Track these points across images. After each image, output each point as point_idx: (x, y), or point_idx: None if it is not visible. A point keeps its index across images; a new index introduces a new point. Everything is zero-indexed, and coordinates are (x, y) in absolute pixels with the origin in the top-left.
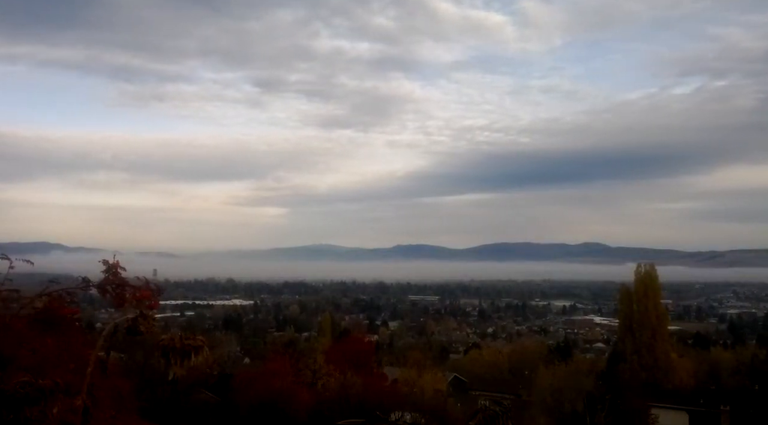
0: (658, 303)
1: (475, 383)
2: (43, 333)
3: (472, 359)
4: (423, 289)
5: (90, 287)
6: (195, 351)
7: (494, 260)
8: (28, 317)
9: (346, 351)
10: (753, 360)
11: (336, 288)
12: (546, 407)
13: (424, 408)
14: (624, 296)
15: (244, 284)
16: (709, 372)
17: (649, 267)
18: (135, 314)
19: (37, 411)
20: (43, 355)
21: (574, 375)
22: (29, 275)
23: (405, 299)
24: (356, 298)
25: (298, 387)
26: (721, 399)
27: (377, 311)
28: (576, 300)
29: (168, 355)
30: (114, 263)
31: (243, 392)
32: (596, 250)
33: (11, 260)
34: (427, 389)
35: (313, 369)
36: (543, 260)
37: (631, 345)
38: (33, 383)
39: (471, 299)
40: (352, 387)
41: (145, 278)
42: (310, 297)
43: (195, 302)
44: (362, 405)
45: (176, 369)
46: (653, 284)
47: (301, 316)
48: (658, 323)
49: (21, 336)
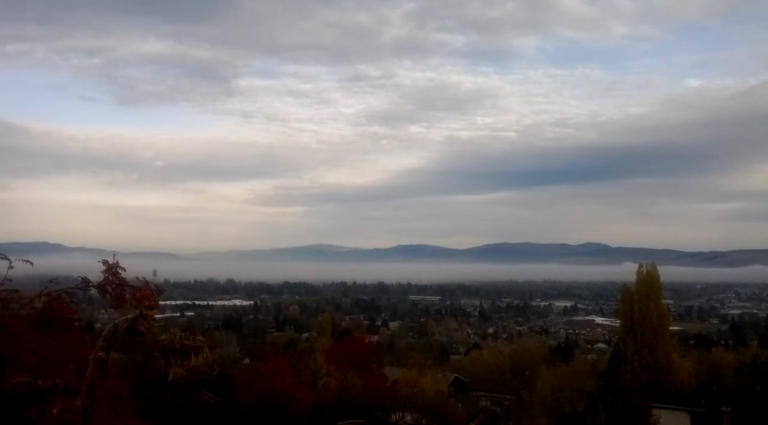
0: (659, 304)
1: (476, 383)
2: (43, 333)
3: (473, 359)
4: (423, 289)
5: (90, 288)
6: (195, 351)
7: (495, 261)
8: (28, 318)
9: (347, 352)
10: (755, 360)
11: (336, 288)
12: (547, 407)
13: (424, 409)
14: (625, 297)
15: (244, 285)
16: (711, 372)
17: (651, 267)
18: (135, 315)
19: (37, 411)
20: (43, 355)
21: (575, 375)
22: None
23: (405, 300)
24: (356, 298)
25: (298, 388)
26: (722, 399)
27: (377, 311)
28: (577, 301)
29: (168, 355)
30: (114, 263)
31: (243, 392)
32: (597, 250)
33: (11, 260)
34: (428, 389)
35: (314, 370)
36: (544, 261)
37: (633, 345)
38: (33, 383)
39: (472, 299)
40: (352, 388)
41: (144, 279)
42: (310, 298)
43: (195, 302)
44: (362, 405)
45: (176, 370)
46: (655, 284)
47: (301, 316)
48: (660, 323)
49: (21, 337)
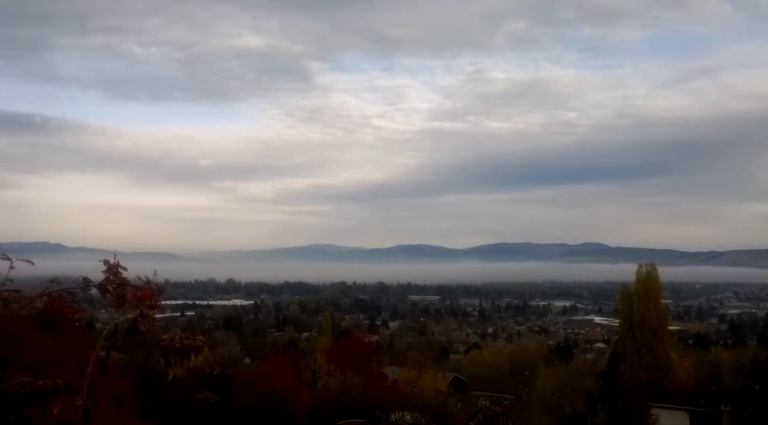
0: (658, 303)
1: (476, 383)
2: (44, 333)
3: (473, 359)
4: (423, 289)
5: (90, 288)
6: (195, 351)
7: (495, 261)
8: (29, 318)
9: (347, 351)
10: (753, 360)
11: (336, 288)
12: (546, 407)
13: (424, 409)
14: (624, 297)
15: (244, 285)
16: (710, 372)
17: (650, 267)
18: (135, 315)
19: (37, 411)
20: (43, 355)
21: (574, 375)
22: (30, 275)
23: (405, 300)
24: (356, 298)
25: (298, 387)
26: (721, 399)
27: (377, 311)
28: (576, 300)
29: (168, 355)
30: (114, 263)
31: (243, 392)
32: (596, 250)
33: (12, 260)
34: (428, 389)
35: (314, 369)
36: (544, 261)
37: (632, 345)
38: (33, 383)
39: (471, 299)
40: (352, 387)
41: (146, 278)
42: (311, 297)
43: (195, 302)
44: (362, 405)
45: (176, 369)
46: (654, 284)
47: (301, 316)
48: (659, 323)
49: (22, 337)
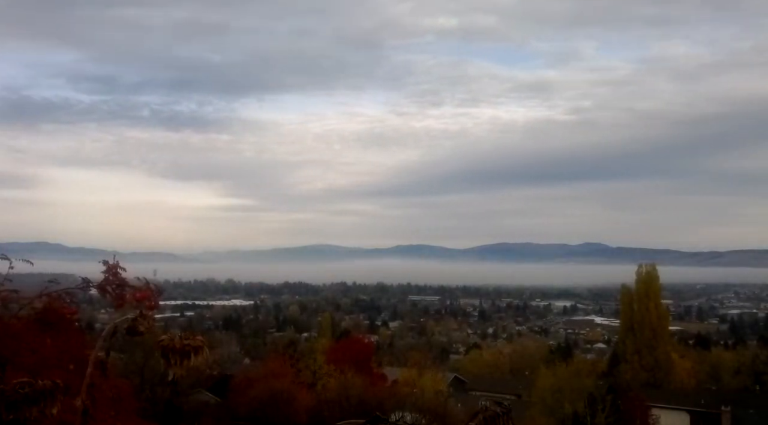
0: (658, 304)
1: (476, 383)
2: (43, 333)
3: (473, 359)
4: (423, 289)
5: (90, 288)
6: (194, 351)
7: (495, 261)
8: (28, 318)
9: (346, 352)
10: (754, 360)
11: (336, 288)
12: (547, 407)
13: (424, 409)
14: (625, 297)
15: (243, 285)
16: (710, 372)
17: (650, 268)
18: (135, 315)
19: (37, 411)
20: (43, 355)
21: (574, 375)
22: (29, 275)
23: (405, 300)
24: (356, 298)
25: (298, 388)
26: (721, 399)
27: (377, 311)
28: (577, 301)
29: (167, 355)
30: (114, 263)
31: (243, 392)
32: (597, 250)
33: (11, 260)
34: (428, 389)
35: (313, 370)
36: (544, 261)
37: (632, 345)
38: (33, 383)
39: (471, 299)
40: (352, 388)
41: (145, 279)
42: (310, 297)
43: (195, 302)
44: (362, 405)
45: (176, 370)
46: (654, 284)
47: (301, 316)
48: (659, 323)
49: (21, 337)
